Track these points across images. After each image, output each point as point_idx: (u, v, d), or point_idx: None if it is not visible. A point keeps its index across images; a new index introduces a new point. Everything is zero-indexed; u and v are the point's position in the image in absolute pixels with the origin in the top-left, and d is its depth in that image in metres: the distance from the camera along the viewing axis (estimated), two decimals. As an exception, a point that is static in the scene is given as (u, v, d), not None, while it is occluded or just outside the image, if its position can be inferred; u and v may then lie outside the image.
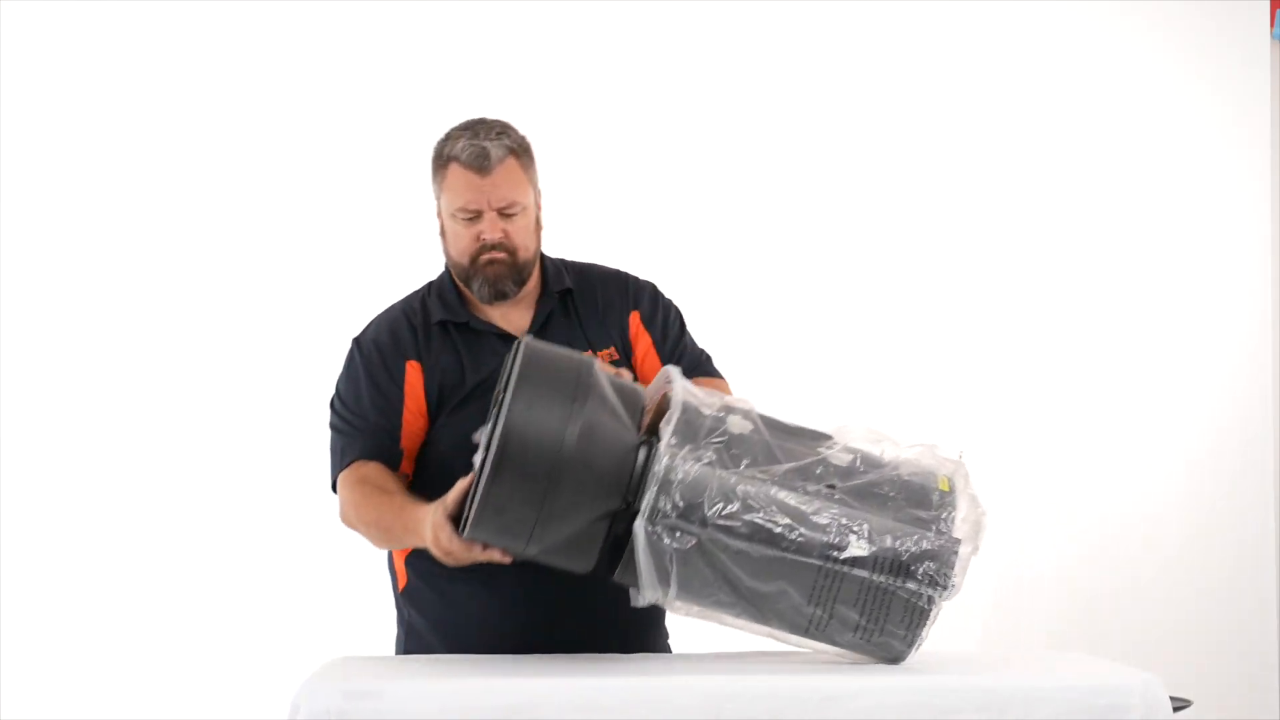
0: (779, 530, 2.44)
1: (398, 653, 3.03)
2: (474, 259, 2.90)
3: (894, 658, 2.52)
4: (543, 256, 3.04)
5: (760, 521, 2.44)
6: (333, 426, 2.95)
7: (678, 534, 2.43)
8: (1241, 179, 4.69)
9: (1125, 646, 4.35)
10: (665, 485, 2.42)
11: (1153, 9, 4.70)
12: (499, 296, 2.93)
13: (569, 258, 3.09)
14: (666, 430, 2.47)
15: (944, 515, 2.51)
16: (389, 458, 2.90)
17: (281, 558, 4.41)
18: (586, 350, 2.92)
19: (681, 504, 2.42)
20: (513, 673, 2.47)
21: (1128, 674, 2.46)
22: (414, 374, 2.92)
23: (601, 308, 3.02)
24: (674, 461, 2.44)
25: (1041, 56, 4.69)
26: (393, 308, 3.02)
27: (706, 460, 2.46)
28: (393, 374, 2.92)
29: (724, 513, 2.43)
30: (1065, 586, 4.59)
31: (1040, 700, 2.39)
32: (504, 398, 2.43)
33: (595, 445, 2.43)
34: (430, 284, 3.03)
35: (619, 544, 2.49)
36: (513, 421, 2.40)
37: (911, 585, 2.46)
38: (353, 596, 3.98)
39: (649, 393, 2.59)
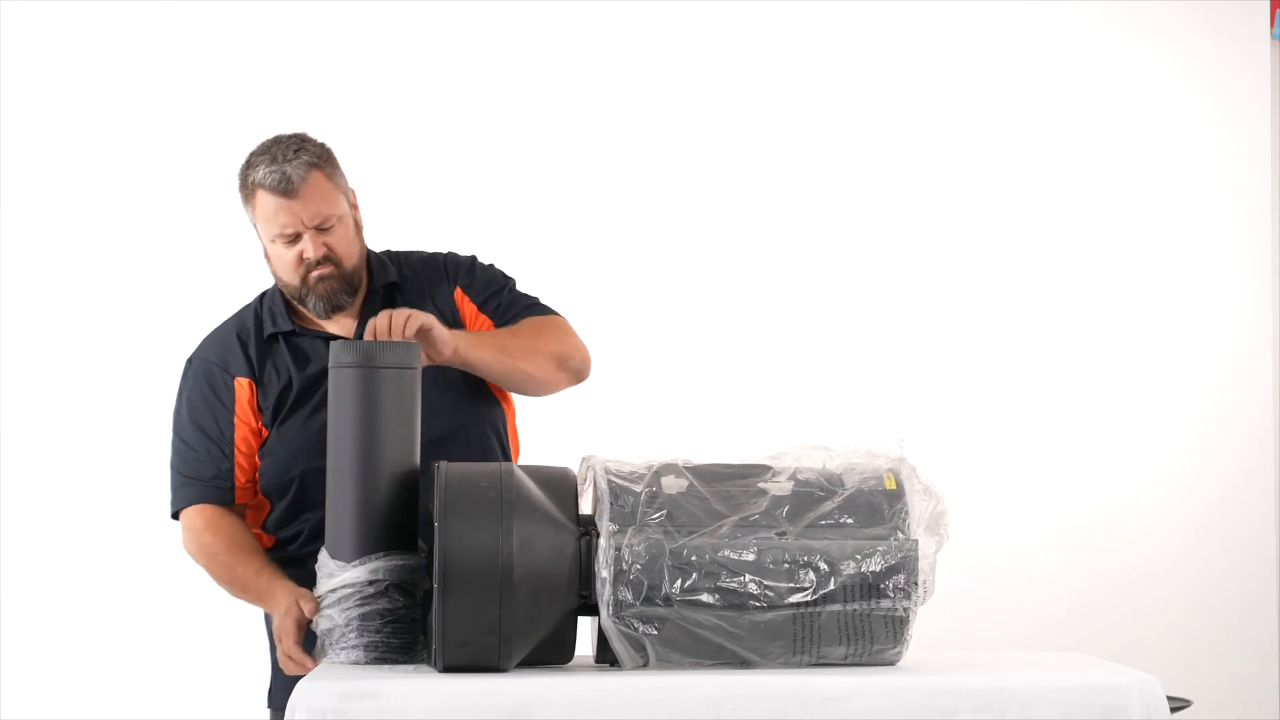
0: (744, 590, 2.44)
1: (270, 652, 3.02)
2: (304, 279, 2.94)
3: (887, 663, 2.53)
4: (368, 254, 3.07)
5: (724, 585, 2.44)
6: (172, 447, 3.04)
7: (648, 622, 2.44)
8: (1241, 179, 4.69)
9: (1124, 646, 4.33)
10: (619, 577, 2.43)
11: (1153, 9, 4.70)
12: (335, 309, 2.98)
13: (393, 248, 3.11)
14: (602, 521, 2.46)
15: (899, 520, 2.50)
16: (224, 498, 2.98)
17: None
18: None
19: (642, 589, 2.43)
20: (512, 673, 2.47)
21: (1126, 674, 2.46)
22: (243, 390, 2.99)
23: (427, 291, 3.05)
24: (621, 550, 2.43)
25: (1041, 56, 4.68)
26: (226, 323, 3.07)
27: (653, 538, 2.45)
28: (221, 397, 2.98)
29: (685, 586, 2.43)
30: (1063, 586, 4.59)
31: (1039, 700, 2.39)
32: (434, 532, 2.45)
33: (536, 557, 2.45)
34: (264, 294, 3.07)
35: (594, 626, 2.52)
36: (450, 557, 2.42)
37: (885, 603, 2.47)
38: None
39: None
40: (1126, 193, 4.68)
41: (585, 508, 2.57)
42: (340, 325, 3.02)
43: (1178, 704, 2.46)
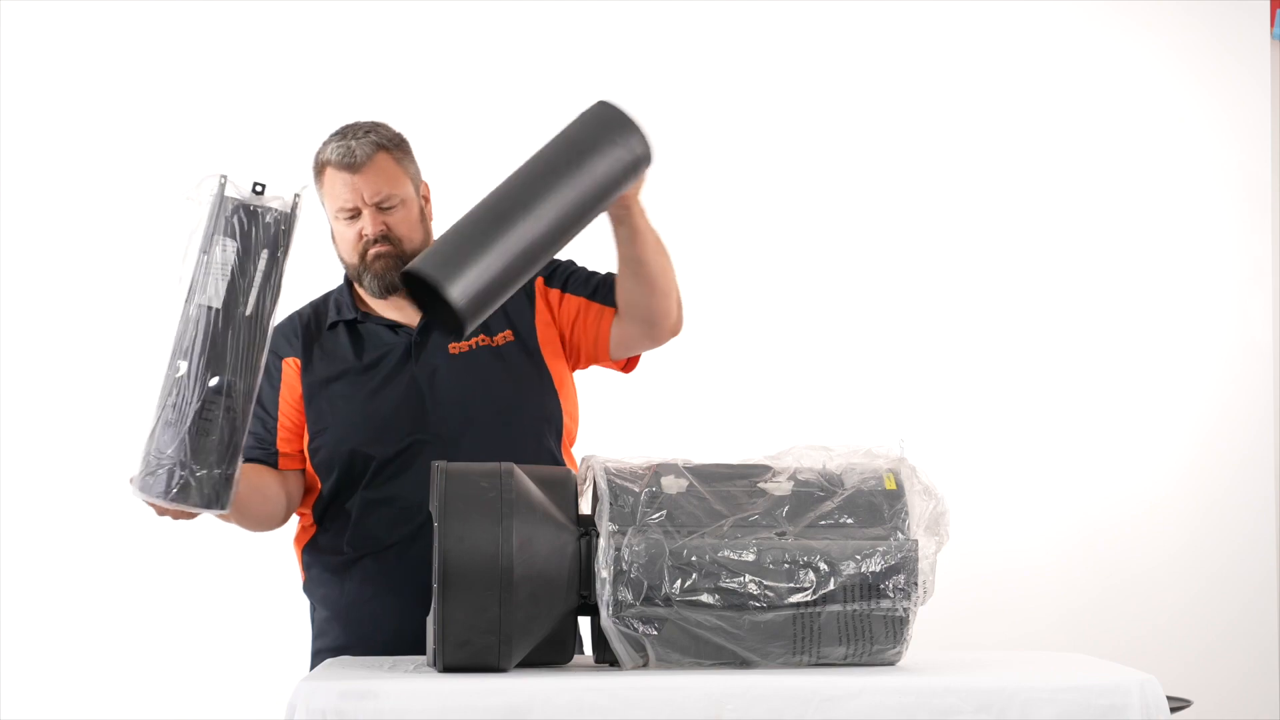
0: (744, 590, 2.45)
1: (312, 643, 3.10)
2: (362, 256, 2.99)
3: (887, 663, 2.54)
4: None
5: (724, 585, 2.44)
6: None
7: (648, 622, 2.44)
8: (1241, 179, 4.69)
9: (1124, 646, 4.34)
10: (619, 577, 2.43)
11: (1152, 9, 4.70)
12: (389, 289, 3.01)
13: None
14: (602, 521, 2.46)
15: (899, 520, 2.50)
16: (269, 459, 3.02)
17: (279, 557, 4.40)
18: (480, 335, 3.00)
19: (642, 589, 2.43)
20: (512, 673, 2.47)
21: (1126, 674, 2.46)
22: (290, 371, 3.04)
23: None
24: (621, 550, 2.44)
25: (1041, 56, 4.69)
26: (296, 311, 3.12)
27: (652, 538, 2.45)
28: (270, 374, 3.02)
29: (685, 586, 2.44)
30: (1063, 586, 4.59)
31: (1039, 700, 2.39)
32: (435, 533, 2.45)
33: (536, 557, 2.45)
34: (339, 286, 3.12)
35: (593, 626, 2.53)
36: (450, 557, 2.42)
37: (885, 603, 2.47)
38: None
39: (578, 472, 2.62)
40: (1127, 193, 4.69)
41: (585, 508, 2.57)
42: (405, 313, 3.04)
43: (1178, 704, 2.46)
